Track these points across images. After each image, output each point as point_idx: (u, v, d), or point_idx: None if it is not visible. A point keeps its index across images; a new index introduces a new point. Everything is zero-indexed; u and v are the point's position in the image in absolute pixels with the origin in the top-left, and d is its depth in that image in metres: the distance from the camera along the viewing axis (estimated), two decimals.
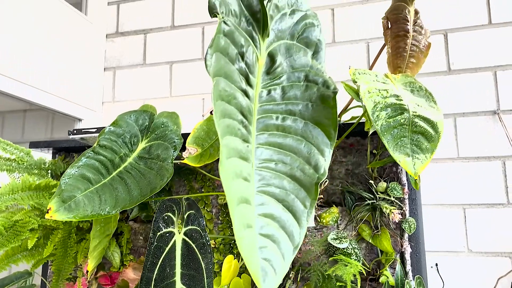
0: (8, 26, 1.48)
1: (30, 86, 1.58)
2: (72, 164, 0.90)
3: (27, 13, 1.56)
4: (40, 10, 1.62)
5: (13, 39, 1.50)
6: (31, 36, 1.58)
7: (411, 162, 0.77)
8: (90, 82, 1.89)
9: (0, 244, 1.06)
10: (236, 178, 0.52)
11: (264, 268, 0.51)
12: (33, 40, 1.59)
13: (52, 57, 1.67)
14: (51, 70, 1.67)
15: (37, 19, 1.61)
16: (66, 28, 1.75)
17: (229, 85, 0.54)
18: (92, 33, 1.90)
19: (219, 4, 0.56)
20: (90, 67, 1.89)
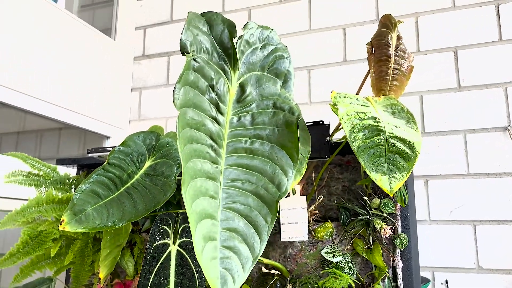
0: (47, 53, 1.64)
1: (64, 108, 1.73)
2: (84, 180, 1.00)
3: (63, 41, 1.72)
4: (74, 38, 1.78)
5: (51, 66, 1.66)
6: (66, 62, 1.73)
7: (387, 180, 0.82)
8: (118, 102, 2.03)
9: (26, 252, 1.18)
10: (202, 196, 0.59)
11: (224, 276, 0.58)
12: (68, 66, 1.74)
13: (84, 80, 1.82)
14: (83, 92, 1.82)
15: (72, 46, 1.76)
16: (97, 53, 1.90)
17: (198, 113, 0.62)
18: (120, 56, 2.05)
19: (189, 44, 0.64)
20: (119, 88, 2.03)
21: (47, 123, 2.12)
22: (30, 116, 2.12)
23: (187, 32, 0.65)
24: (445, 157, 1.54)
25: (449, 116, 1.56)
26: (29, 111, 1.64)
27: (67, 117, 1.77)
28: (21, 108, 1.60)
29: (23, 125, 2.17)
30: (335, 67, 1.74)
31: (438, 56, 1.61)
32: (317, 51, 1.78)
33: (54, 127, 2.13)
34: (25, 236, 1.18)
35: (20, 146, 2.17)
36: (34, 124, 2.16)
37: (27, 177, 1.31)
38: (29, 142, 2.16)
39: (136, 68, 2.11)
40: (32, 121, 2.16)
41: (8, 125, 2.13)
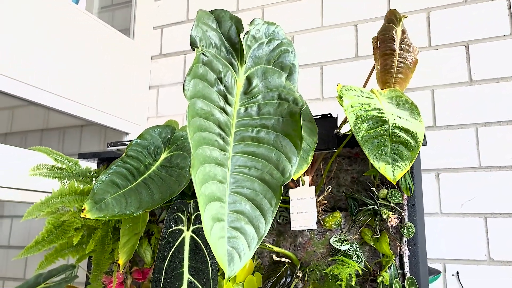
0: (71, 53, 1.71)
1: (85, 105, 1.81)
2: (104, 171, 1.06)
3: (84, 41, 1.79)
4: (94, 38, 1.85)
5: (74, 66, 1.73)
6: (88, 61, 1.81)
7: (390, 169, 0.85)
8: (137, 99, 2.09)
9: (50, 241, 1.25)
10: (210, 180, 0.64)
11: (230, 254, 0.62)
12: (89, 65, 1.81)
13: (104, 79, 1.89)
14: (103, 90, 1.89)
15: (93, 46, 1.83)
16: (117, 53, 1.97)
17: (207, 104, 0.67)
18: (138, 55, 2.12)
19: (199, 39, 0.68)
20: (137, 86, 2.10)
21: (69, 120, 2.21)
22: (53, 114, 2.21)
23: (197, 28, 0.70)
24: (457, 151, 1.55)
25: (461, 110, 1.57)
26: (53, 108, 1.71)
27: (89, 114, 1.84)
28: (47, 106, 1.68)
29: (46, 122, 2.26)
30: (347, 63, 1.77)
31: (449, 50, 1.63)
32: (329, 47, 1.81)
33: (76, 124, 2.21)
34: (49, 225, 1.24)
35: (44, 142, 2.26)
36: (57, 122, 2.25)
37: (50, 170, 1.38)
38: (52, 138, 2.25)
39: (153, 67, 2.17)
40: (55, 119, 2.25)
41: (33, 123, 2.23)
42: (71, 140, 2.23)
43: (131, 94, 2.06)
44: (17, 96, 1.57)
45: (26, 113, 2.24)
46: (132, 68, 2.07)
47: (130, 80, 2.06)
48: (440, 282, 1.50)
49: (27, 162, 1.57)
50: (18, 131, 2.28)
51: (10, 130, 2.27)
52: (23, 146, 1.61)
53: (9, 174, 1.54)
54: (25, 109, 2.21)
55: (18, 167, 1.57)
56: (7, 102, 2.18)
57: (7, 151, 1.54)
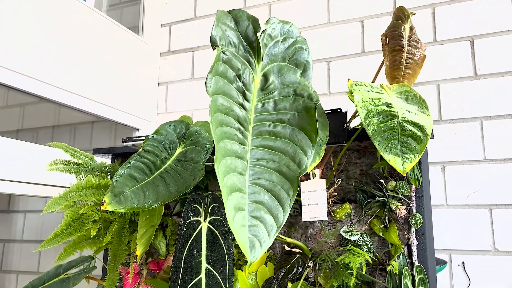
0: (80, 50, 1.75)
1: (95, 101, 1.85)
2: (122, 165, 1.10)
3: (94, 38, 1.83)
4: (104, 35, 1.89)
5: (84, 62, 1.77)
6: (98, 58, 1.84)
7: (400, 161, 0.89)
8: (146, 96, 2.13)
9: (69, 233, 1.29)
10: (231, 172, 0.68)
11: (252, 241, 0.66)
12: (99, 62, 1.85)
13: (114, 75, 1.93)
14: (113, 87, 1.93)
15: (103, 43, 1.87)
16: (126, 50, 2.01)
17: (227, 100, 0.70)
18: (148, 52, 2.16)
19: (219, 38, 0.72)
20: (146, 83, 2.14)
21: (80, 117, 2.25)
22: (64, 110, 2.25)
23: (217, 28, 0.73)
24: (462, 144, 1.59)
25: (466, 104, 1.60)
26: (65, 104, 1.75)
27: (100, 110, 1.88)
28: (58, 102, 1.72)
29: (57, 119, 2.30)
30: (353, 59, 1.80)
31: (454, 45, 1.66)
32: (336, 43, 1.84)
33: (87, 121, 2.25)
34: (68, 218, 1.28)
35: (55, 139, 2.31)
36: (68, 118, 2.29)
37: (67, 165, 1.42)
38: (63, 135, 2.30)
39: (162, 64, 2.21)
40: (65, 116, 2.29)
41: (44, 120, 2.27)
42: (82, 136, 2.27)
43: (141, 90, 2.10)
44: (29, 92, 1.61)
45: (37, 110, 2.28)
46: (141, 65, 2.11)
47: (140, 76, 2.10)
48: (446, 272, 1.53)
49: (41, 158, 1.62)
50: (30, 128, 2.33)
51: (21, 127, 2.31)
52: (35, 142, 1.65)
53: (25, 169, 1.58)
54: (36, 106, 2.25)
55: (34, 163, 1.61)
56: (18, 99, 2.23)
57: (23, 147, 1.58)
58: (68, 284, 1.26)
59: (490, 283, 1.48)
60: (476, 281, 1.49)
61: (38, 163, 1.62)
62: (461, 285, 1.51)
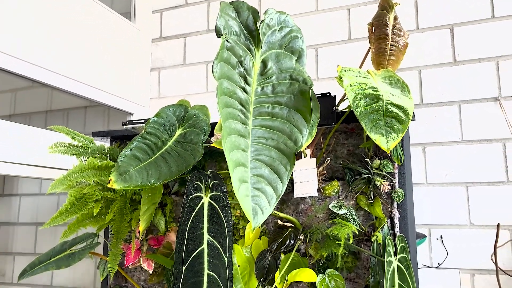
0: (73, 34, 1.80)
1: (89, 85, 1.90)
2: (126, 146, 1.17)
3: (86, 23, 1.87)
4: (97, 20, 1.93)
5: (77, 46, 1.82)
6: (91, 43, 1.89)
7: (384, 140, 0.98)
8: (139, 81, 2.19)
9: (72, 211, 1.36)
10: (236, 148, 0.76)
11: (255, 209, 0.75)
12: (92, 47, 1.90)
13: (107, 61, 1.98)
14: (106, 72, 1.98)
15: (96, 28, 1.91)
16: (118, 36, 2.05)
17: (231, 84, 0.78)
18: (139, 38, 2.20)
19: (223, 27, 0.79)
20: (139, 68, 2.19)
21: (73, 102, 2.29)
22: (57, 95, 2.29)
23: (221, 19, 0.80)
24: (441, 126, 1.69)
25: (445, 88, 1.71)
26: (58, 88, 1.80)
27: (93, 94, 1.93)
28: (53, 86, 1.76)
29: (50, 104, 2.34)
30: (340, 45, 1.88)
31: (435, 33, 1.75)
32: (323, 30, 1.92)
33: (80, 106, 2.30)
34: (71, 197, 1.35)
35: (48, 123, 2.35)
36: (61, 103, 2.33)
37: (68, 148, 1.48)
38: (57, 120, 2.34)
39: (154, 50, 2.26)
40: (59, 100, 2.33)
41: (37, 104, 2.30)
42: (75, 121, 2.31)
43: (133, 75, 2.15)
44: (21, 75, 1.65)
45: (30, 95, 2.31)
46: (134, 50, 2.16)
47: (132, 62, 2.15)
48: (425, 245, 1.65)
49: (40, 141, 1.67)
50: (22, 113, 2.36)
51: (13, 112, 2.34)
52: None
53: (21, 151, 1.63)
54: (29, 91, 2.28)
55: (30, 145, 1.66)
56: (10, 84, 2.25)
57: (19, 129, 1.63)
58: (73, 259, 1.33)
59: (466, 254, 1.60)
60: (453, 253, 1.61)
61: (34, 146, 1.67)
62: (439, 257, 1.63)
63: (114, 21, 2.04)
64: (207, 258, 1.00)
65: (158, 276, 1.44)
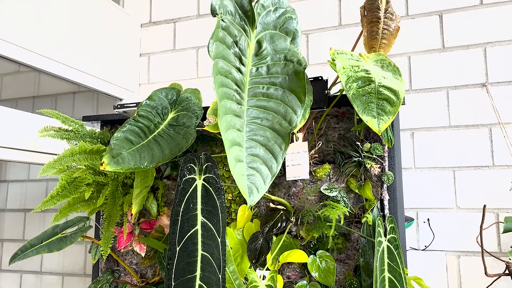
0: (61, 17, 1.77)
1: (78, 70, 1.88)
2: (118, 129, 1.17)
3: (75, 6, 1.84)
4: (86, 5, 1.90)
5: (66, 30, 1.79)
6: (79, 26, 1.86)
7: (376, 121, 0.99)
8: (128, 66, 2.17)
9: (64, 195, 1.35)
10: (231, 128, 0.77)
11: (250, 188, 0.76)
12: (81, 30, 1.87)
13: (96, 45, 1.96)
14: (95, 56, 1.96)
15: (84, 12, 1.89)
16: (107, 20, 2.03)
17: (226, 64, 0.78)
18: (129, 23, 2.18)
19: (218, 7, 0.79)
20: (128, 53, 2.17)
21: (61, 87, 2.26)
22: (45, 80, 2.26)
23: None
24: (430, 112, 1.72)
25: (434, 74, 1.73)
26: (46, 71, 1.78)
27: (82, 79, 1.91)
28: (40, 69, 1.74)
29: (38, 89, 2.31)
30: (331, 31, 1.89)
31: (425, 19, 1.77)
32: (314, 16, 1.92)
33: (68, 91, 2.27)
34: (62, 181, 1.34)
35: (36, 108, 2.31)
36: (49, 88, 2.30)
37: (58, 132, 1.47)
38: (45, 105, 2.31)
39: (143, 35, 2.24)
40: (47, 85, 2.29)
41: (25, 89, 2.27)
42: (64, 106, 2.29)
43: (123, 61, 2.13)
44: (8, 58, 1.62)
45: (17, 80, 2.28)
46: (123, 35, 2.14)
47: (121, 47, 2.12)
48: (413, 227, 1.69)
49: (29, 125, 1.65)
50: (9, 98, 2.32)
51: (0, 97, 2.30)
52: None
53: (12, 135, 1.61)
54: (16, 75, 2.25)
55: (22, 130, 1.65)
56: None
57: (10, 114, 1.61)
58: (65, 242, 1.33)
59: (452, 237, 1.64)
60: (439, 236, 1.65)
61: (23, 130, 1.65)
62: (426, 239, 1.67)
63: (103, 5, 2.01)
64: (201, 239, 1.01)
65: (150, 260, 1.45)
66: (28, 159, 1.68)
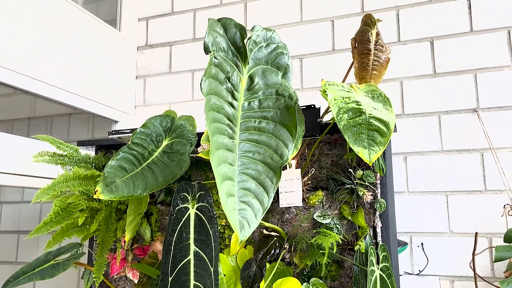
0: (58, 42, 1.79)
1: (74, 94, 1.89)
2: (112, 157, 1.18)
3: (72, 31, 1.87)
4: (82, 28, 1.92)
5: (62, 55, 1.81)
6: (76, 51, 1.88)
7: (367, 152, 1.01)
8: (124, 89, 2.19)
9: (57, 221, 1.35)
10: (223, 163, 0.78)
11: (241, 222, 0.77)
12: (77, 54, 1.89)
13: (92, 68, 1.98)
14: (91, 79, 1.98)
15: (80, 36, 1.91)
16: (103, 43, 2.05)
17: (219, 99, 0.80)
18: (125, 46, 2.20)
19: (211, 44, 0.81)
20: (124, 76, 2.19)
21: (57, 109, 2.27)
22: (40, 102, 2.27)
23: (209, 36, 0.82)
24: (422, 136, 1.74)
25: (426, 99, 1.76)
26: (43, 96, 1.79)
27: (78, 102, 1.93)
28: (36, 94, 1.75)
29: (33, 111, 2.32)
30: (324, 56, 1.92)
31: (416, 45, 1.80)
32: (308, 41, 1.95)
33: (64, 113, 2.28)
34: (56, 207, 1.34)
35: (31, 131, 2.32)
36: (45, 110, 2.31)
37: (52, 157, 1.47)
38: (40, 127, 2.32)
39: (140, 57, 2.26)
40: (42, 107, 2.31)
41: (20, 111, 2.28)
42: (59, 128, 2.30)
43: (119, 83, 2.15)
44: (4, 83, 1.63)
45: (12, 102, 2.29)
46: (119, 58, 2.16)
47: (117, 70, 2.15)
48: (407, 252, 1.69)
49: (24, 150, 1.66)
50: (5, 120, 2.33)
51: None
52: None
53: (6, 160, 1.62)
54: (12, 97, 2.26)
55: (16, 154, 1.65)
56: None
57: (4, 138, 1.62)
58: (58, 269, 1.32)
59: (445, 262, 1.64)
60: (433, 260, 1.65)
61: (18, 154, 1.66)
62: (420, 263, 1.67)
63: (100, 29, 2.04)
64: (193, 269, 1.01)
65: (143, 286, 1.44)
66: (23, 184, 1.69)
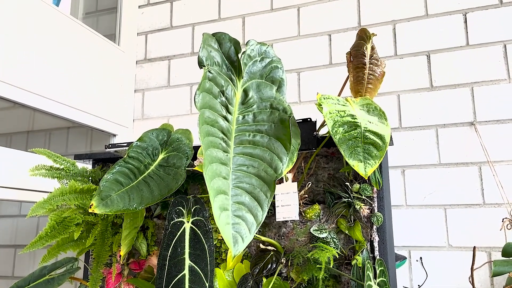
0: (57, 56, 1.80)
1: (73, 107, 1.89)
2: (108, 171, 1.17)
3: (71, 45, 1.88)
4: (81, 42, 1.94)
5: (61, 69, 1.82)
6: (75, 65, 1.90)
7: (362, 166, 1.01)
8: (123, 102, 2.19)
9: (52, 236, 1.34)
10: (217, 176, 0.78)
11: (235, 237, 0.76)
12: (76, 68, 1.90)
13: (91, 82, 1.99)
14: (90, 93, 1.98)
15: (79, 50, 1.92)
16: (102, 57, 2.07)
17: (213, 113, 0.80)
18: (124, 60, 2.22)
19: (205, 59, 0.82)
20: (123, 90, 2.20)
21: (55, 122, 2.28)
22: (38, 116, 2.28)
23: (203, 50, 0.83)
24: (419, 149, 1.74)
25: (423, 113, 1.76)
26: (41, 110, 1.79)
27: (77, 116, 1.93)
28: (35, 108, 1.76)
29: (32, 124, 2.32)
30: (322, 70, 1.93)
31: (413, 59, 1.81)
32: (305, 55, 1.96)
33: (62, 126, 2.29)
34: (52, 221, 1.34)
35: (30, 144, 2.33)
36: (43, 124, 2.32)
37: (49, 171, 1.47)
38: (38, 140, 2.32)
39: (138, 71, 2.28)
40: (41, 121, 2.31)
41: (18, 125, 2.29)
42: (58, 142, 2.30)
43: (117, 97, 2.16)
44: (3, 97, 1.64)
45: (11, 115, 2.30)
46: (118, 72, 2.17)
47: (116, 83, 2.16)
48: (406, 266, 1.68)
49: (20, 163, 1.66)
50: (3, 133, 2.34)
51: None
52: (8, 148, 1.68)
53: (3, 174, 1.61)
54: (10, 111, 2.27)
55: (13, 168, 1.65)
56: None
57: (2, 152, 1.62)
58: (53, 284, 1.31)
59: (445, 276, 1.63)
60: (432, 274, 1.64)
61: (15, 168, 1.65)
62: (419, 278, 1.65)
63: (99, 43, 2.05)
64: (189, 284, 1.00)
65: None
66: (20, 198, 1.68)
